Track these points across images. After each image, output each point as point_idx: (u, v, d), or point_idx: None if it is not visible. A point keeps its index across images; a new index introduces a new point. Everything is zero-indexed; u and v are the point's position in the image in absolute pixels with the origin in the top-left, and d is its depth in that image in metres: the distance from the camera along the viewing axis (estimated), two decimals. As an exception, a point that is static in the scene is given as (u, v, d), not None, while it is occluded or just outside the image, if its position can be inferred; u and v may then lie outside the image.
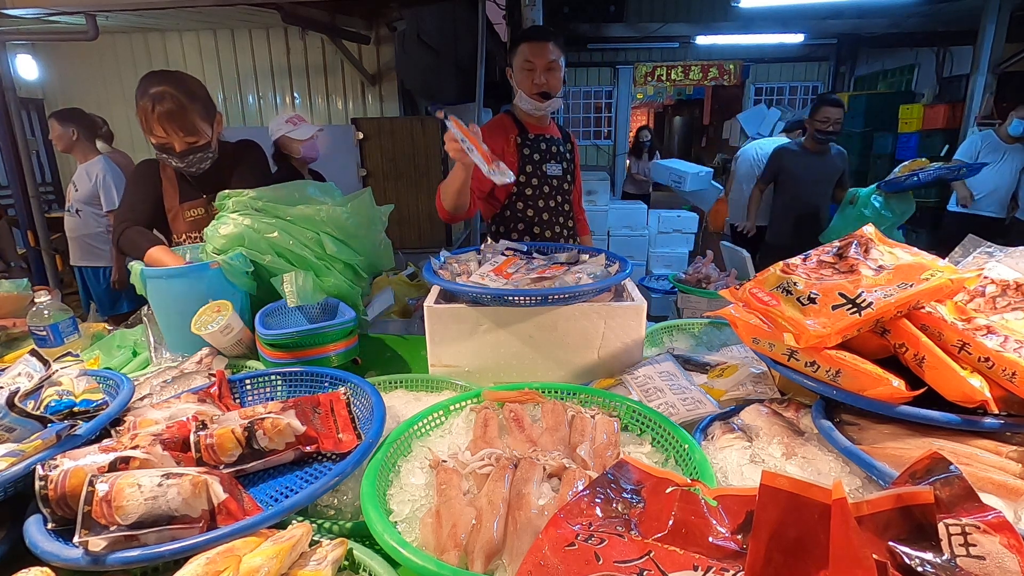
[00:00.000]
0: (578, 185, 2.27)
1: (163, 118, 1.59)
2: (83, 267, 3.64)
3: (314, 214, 1.55)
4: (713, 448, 0.99)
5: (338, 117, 5.56)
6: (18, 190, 3.82)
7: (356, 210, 1.62)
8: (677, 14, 8.77)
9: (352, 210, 1.61)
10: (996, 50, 5.43)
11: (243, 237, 1.51)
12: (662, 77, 9.79)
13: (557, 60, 1.93)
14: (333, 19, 4.64)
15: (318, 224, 1.56)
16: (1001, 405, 0.85)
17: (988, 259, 1.18)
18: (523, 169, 2.01)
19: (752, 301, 1.04)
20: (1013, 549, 0.53)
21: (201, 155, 1.69)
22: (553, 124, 2.15)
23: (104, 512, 0.72)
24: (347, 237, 1.61)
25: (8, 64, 3.73)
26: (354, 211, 1.62)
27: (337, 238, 1.58)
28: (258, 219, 1.53)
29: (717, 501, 0.65)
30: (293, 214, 1.54)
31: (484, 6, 3.57)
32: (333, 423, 1.01)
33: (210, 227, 1.55)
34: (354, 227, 1.61)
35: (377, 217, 1.72)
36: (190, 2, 3.57)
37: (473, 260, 1.53)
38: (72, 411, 0.98)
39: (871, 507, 0.55)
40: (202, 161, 1.71)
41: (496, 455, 0.89)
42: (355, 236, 1.62)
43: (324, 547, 0.72)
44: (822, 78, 9.81)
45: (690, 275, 2.62)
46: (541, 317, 1.28)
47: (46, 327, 1.53)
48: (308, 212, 1.55)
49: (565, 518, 0.66)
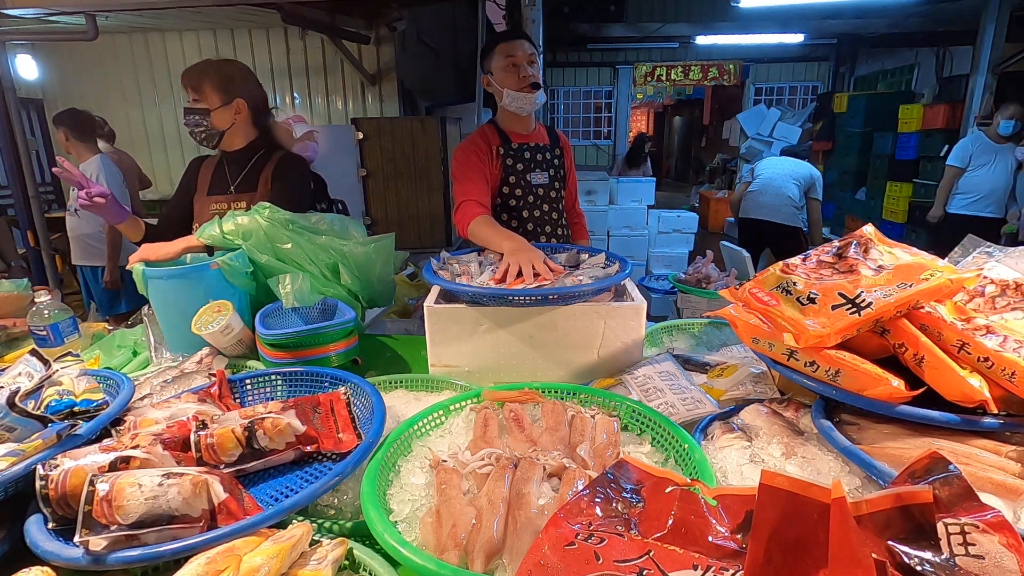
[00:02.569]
0: (571, 190, 2.21)
1: (185, 71, 1.78)
2: (84, 267, 3.64)
3: (340, 246, 1.64)
4: (713, 448, 0.99)
5: (338, 117, 5.56)
6: (18, 190, 3.82)
7: (378, 251, 1.71)
8: (677, 14, 8.77)
9: (375, 250, 1.70)
10: (996, 50, 5.44)
11: (252, 233, 1.54)
12: (662, 77, 9.80)
13: (535, 55, 1.91)
14: (333, 19, 4.64)
15: (341, 255, 1.64)
16: (1000, 405, 0.85)
17: (987, 259, 1.18)
18: (506, 180, 1.98)
19: (752, 301, 1.04)
20: (1012, 548, 0.53)
21: (198, 119, 1.77)
22: (541, 128, 2.10)
23: (104, 512, 0.72)
24: (362, 272, 1.69)
25: (8, 64, 3.73)
26: (376, 251, 1.71)
27: (355, 273, 1.67)
28: (279, 229, 1.57)
29: (717, 501, 0.65)
30: (320, 242, 1.62)
31: (484, 6, 3.58)
32: (333, 423, 1.01)
33: (230, 213, 1.59)
34: (370, 264, 1.70)
35: (392, 260, 1.80)
36: (190, 2, 3.57)
37: (474, 261, 1.53)
38: (72, 411, 0.99)
39: (870, 506, 0.56)
40: (197, 126, 1.78)
41: (496, 455, 0.89)
42: (369, 272, 1.71)
43: (324, 547, 0.73)
44: (822, 78, 9.82)
45: (690, 275, 2.62)
46: (541, 317, 1.28)
47: (46, 327, 1.53)
48: (335, 243, 1.63)
49: (565, 518, 0.66)
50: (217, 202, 1.84)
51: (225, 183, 1.87)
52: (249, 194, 1.83)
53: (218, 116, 1.77)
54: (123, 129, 4.82)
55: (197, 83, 1.75)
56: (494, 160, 1.96)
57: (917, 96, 7.31)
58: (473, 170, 1.89)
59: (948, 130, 6.08)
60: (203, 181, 1.89)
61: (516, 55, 1.87)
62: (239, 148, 1.86)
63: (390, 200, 4.84)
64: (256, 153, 1.86)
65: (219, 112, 1.77)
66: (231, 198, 1.84)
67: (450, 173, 2.04)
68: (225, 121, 1.80)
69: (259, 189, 1.83)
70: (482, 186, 1.88)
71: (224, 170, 1.88)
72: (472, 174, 1.89)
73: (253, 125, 1.86)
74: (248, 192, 1.84)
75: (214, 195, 1.86)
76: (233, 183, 1.85)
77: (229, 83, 1.79)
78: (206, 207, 1.85)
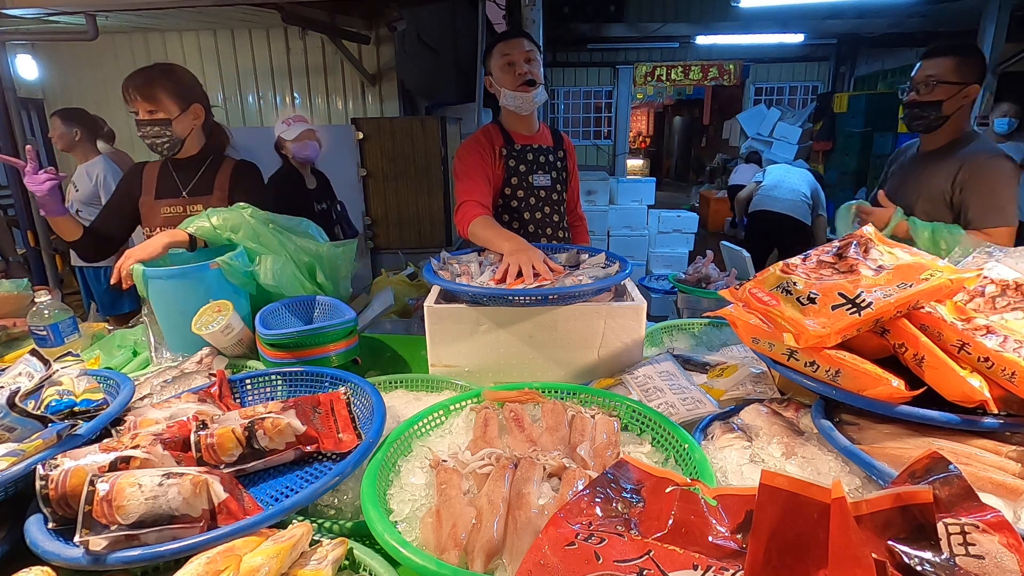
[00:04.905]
0: (573, 192, 2.20)
1: (129, 80, 1.73)
2: (84, 267, 3.64)
3: (315, 247, 1.71)
4: (713, 448, 0.99)
5: (338, 117, 5.55)
6: (18, 190, 3.82)
7: (345, 254, 1.81)
8: (677, 14, 8.77)
9: (342, 253, 1.80)
10: (996, 50, 5.43)
11: (240, 228, 1.57)
12: (662, 77, 9.80)
13: (534, 52, 1.90)
14: (333, 19, 4.64)
15: (316, 257, 1.71)
16: (1000, 405, 0.85)
17: (988, 259, 1.18)
18: (508, 181, 1.98)
19: (752, 301, 1.04)
20: (1012, 548, 0.53)
21: (159, 130, 1.74)
22: (545, 130, 2.09)
23: (105, 512, 0.72)
24: (332, 273, 1.75)
25: (8, 64, 3.72)
26: (344, 254, 1.80)
27: (327, 273, 1.74)
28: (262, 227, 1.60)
29: (717, 501, 0.65)
30: (297, 243, 1.68)
31: (484, 6, 3.58)
32: (333, 423, 1.01)
33: (211, 209, 1.60)
34: (338, 265, 1.78)
35: (352, 262, 1.87)
36: (190, 2, 3.57)
37: (474, 261, 1.53)
38: (72, 411, 0.98)
39: (870, 506, 0.55)
40: (159, 136, 1.75)
41: (496, 455, 0.89)
42: (336, 273, 1.79)
43: (324, 547, 0.73)
44: (822, 78, 9.82)
45: (690, 275, 2.62)
46: (541, 317, 1.28)
47: (46, 327, 1.53)
48: (309, 245, 1.70)
49: (565, 517, 0.66)
50: (170, 206, 1.84)
51: (175, 187, 1.86)
52: (204, 197, 1.84)
53: (179, 124, 1.77)
54: (123, 129, 4.81)
55: (150, 93, 1.72)
56: (497, 160, 1.96)
57: (917, 96, 7.30)
58: (475, 170, 1.89)
59: (948, 130, 6.07)
60: (148, 185, 1.88)
61: (512, 54, 1.87)
62: (193, 154, 1.86)
63: (390, 200, 4.83)
64: (207, 157, 1.87)
65: (180, 120, 1.76)
66: (185, 202, 1.84)
67: (451, 173, 2.04)
68: (186, 128, 1.79)
69: (215, 192, 1.84)
70: (483, 186, 1.87)
71: (172, 175, 1.87)
72: (474, 174, 1.88)
73: (203, 129, 1.87)
74: (203, 196, 1.85)
75: (165, 199, 1.85)
76: (185, 188, 1.85)
77: (184, 89, 1.78)
78: (155, 211, 1.84)
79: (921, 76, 1.85)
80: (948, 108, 1.82)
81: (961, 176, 1.81)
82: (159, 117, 1.73)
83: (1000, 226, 1.76)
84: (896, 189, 2.01)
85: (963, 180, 1.80)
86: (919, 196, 1.91)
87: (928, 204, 1.89)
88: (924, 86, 1.83)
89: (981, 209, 1.78)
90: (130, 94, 1.72)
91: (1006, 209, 1.77)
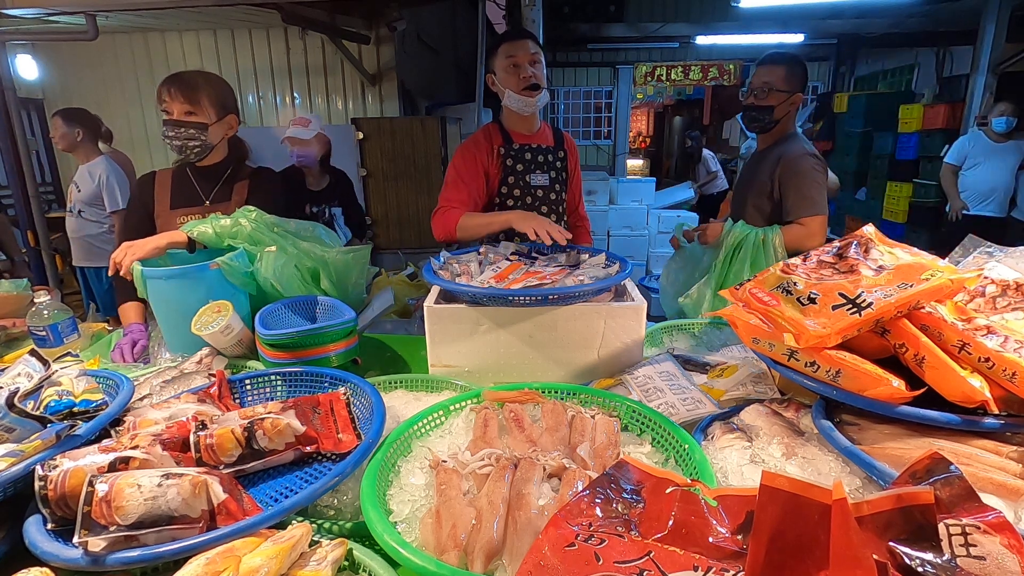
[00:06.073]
0: (574, 192, 2.19)
1: (171, 80, 1.71)
2: (85, 268, 3.64)
3: (321, 252, 1.67)
4: (713, 448, 0.99)
5: (338, 117, 5.55)
6: (18, 190, 3.82)
7: (356, 260, 1.76)
8: (677, 14, 8.76)
9: (354, 259, 1.74)
10: (996, 50, 5.43)
11: (238, 234, 1.55)
12: (662, 77, 9.78)
13: (539, 55, 1.91)
14: (333, 19, 4.64)
15: (322, 262, 1.67)
16: (1001, 405, 0.85)
17: (988, 259, 1.18)
18: (504, 180, 1.97)
19: (752, 301, 1.04)
20: (1013, 549, 0.52)
21: (194, 132, 1.72)
22: (546, 129, 2.09)
23: (104, 512, 0.72)
24: (340, 279, 1.72)
25: (8, 64, 3.73)
26: (355, 260, 1.75)
27: (333, 279, 1.70)
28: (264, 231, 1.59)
29: (717, 501, 0.65)
30: (303, 248, 1.64)
31: (484, 6, 3.57)
32: (333, 423, 1.01)
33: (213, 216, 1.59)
34: (348, 272, 1.74)
35: (366, 270, 1.84)
36: (190, 2, 3.57)
37: (474, 261, 1.53)
38: (72, 411, 0.98)
39: (871, 507, 0.55)
40: (192, 139, 1.73)
41: (496, 455, 0.89)
42: (346, 280, 1.75)
43: (324, 547, 0.72)
44: (822, 78, 9.80)
45: (690, 275, 2.61)
46: (541, 317, 1.28)
47: (46, 327, 1.53)
48: (316, 249, 1.66)
49: (565, 518, 0.66)
50: (190, 215, 1.82)
51: (195, 195, 1.84)
52: (224, 204, 1.83)
53: (214, 131, 1.76)
54: (123, 129, 4.82)
55: (193, 95, 1.71)
56: (494, 160, 1.96)
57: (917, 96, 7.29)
58: (467, 177, 1.91)
59: (948, 130, 6.07)
60: (161, 195, 1.85)
61: (517, 55, 1.87)
62: (217, 162, 1.85)
63: (390, 200, 4.83)
64: (229, 166, 1.86)
65: (215, 127, 1.76)
66: (206, 210, 1.82)
67: (447, 172, 2.04)
68: (218, 136, 1.79)
69: (233, 198, 1.84)
70: (466, 195, 1.90)
71: (192, 182, 1.85)
72: (461, 182, 1.90)
73: (228, 140, 1.87)
74: (223, 203, 1.84)
75: (182, 207, 1.83)
76: (208, 196, 1.84)
77: (224, 98, 1.79)
78: (172, 220, 1.81)
79: (757, 83, 2.09)
80: (779, 112, 2.08)
81: (779, 171, 2.05)
82: (196, 120, 1.72)
83: (813, 215, 1.99)
84: (739, 185, 2.35)
85: (779, 175, 2.05)
86: (751, 191, 2.18)
87: (757, 198, 2.15)
88: (760, 91, 2.07)
89: (795, 201, 2.02)
90: (171, 93, 1.70)
91: (816, 200, 2.00)
